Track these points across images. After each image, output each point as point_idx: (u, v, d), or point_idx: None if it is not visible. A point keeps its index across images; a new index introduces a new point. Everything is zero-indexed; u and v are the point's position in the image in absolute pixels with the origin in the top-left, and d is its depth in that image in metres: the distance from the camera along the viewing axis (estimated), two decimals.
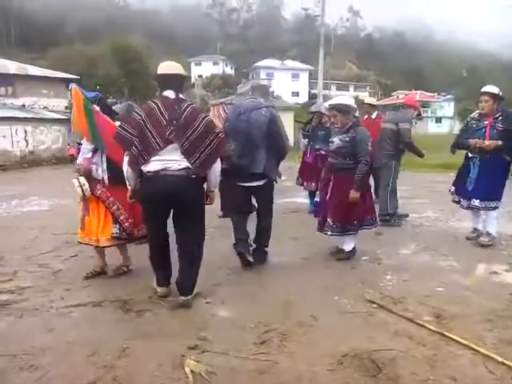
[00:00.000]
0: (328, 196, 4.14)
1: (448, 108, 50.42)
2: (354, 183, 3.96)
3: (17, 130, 17.74)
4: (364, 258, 4.22)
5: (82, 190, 3.55)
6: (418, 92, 44.04)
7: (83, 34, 48.44)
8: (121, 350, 2.50)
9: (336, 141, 4.11)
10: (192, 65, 56.71)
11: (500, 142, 4.37)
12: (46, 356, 2.46)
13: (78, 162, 3.79)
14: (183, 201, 3.09)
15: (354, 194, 3.96)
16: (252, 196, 4.14)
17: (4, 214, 7.37)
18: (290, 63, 52.95)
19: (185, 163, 3.04)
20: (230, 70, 57.82)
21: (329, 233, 4.12)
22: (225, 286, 3.57)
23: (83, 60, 29.60)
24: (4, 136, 17.63)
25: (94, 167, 3.64)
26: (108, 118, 3.69)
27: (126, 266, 3.91)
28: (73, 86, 3.58)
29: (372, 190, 4.50)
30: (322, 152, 6.15)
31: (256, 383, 2.16)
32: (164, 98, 3.10)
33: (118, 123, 3.45)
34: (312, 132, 6.57)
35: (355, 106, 4.15)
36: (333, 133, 4.29)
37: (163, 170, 3.02)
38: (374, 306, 3.12)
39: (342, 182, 4.05)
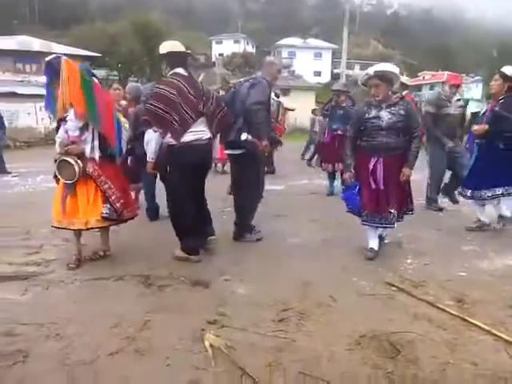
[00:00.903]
0: (381, 183, 3.60)
1: (476, 90, 48.59)
2: (408, 160, 3.58)
3: (41, 107, 18.01)
4: (384, 241, 4.18)
5: (78, 170, 3.31)
6: (445, 73, 42.57)
7: (105, 11, 48.38)
8: (142, 322, 2.57)
9: (385, 115, 3.55)
10: (213, 43, 56.13)
11: (486, 127, 4.18)
12: (71, 326, 2.55)
13: (60, 139, 3.46)
14: (208, 165, 3.76)
15: (408, 172, 3.58)
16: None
17: (30, 189, 7.59)
18: (312, 42, 51.78)
19: (208, 133, 3.58)
20: (251, 49, 56.97)
21: (394, 226, 3.66)
22: (243, 264, 3.60)
23: (105, 38, 29.60)
24: (29, 113, 17.98)
25: (86, 146, 3.42)
26: (107, 91, 3.60)
27: (104, 251, 3.74)
28: (63, 57, 3.34)
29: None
30: (339, 132, 6.06)
31: (275, 360, 2.19)
32: (180, 76, 3.44)
33: (148, 102, 3.48)
34: (330, 111, 6.45)
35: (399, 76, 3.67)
36: (367, 108, 3.63)
37: (197, 140, 3.48)
38: (394, 288, 3.09)
39: (394, 162, 3.59)
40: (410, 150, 3.59)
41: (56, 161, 3.40)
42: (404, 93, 6.51)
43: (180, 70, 3.46)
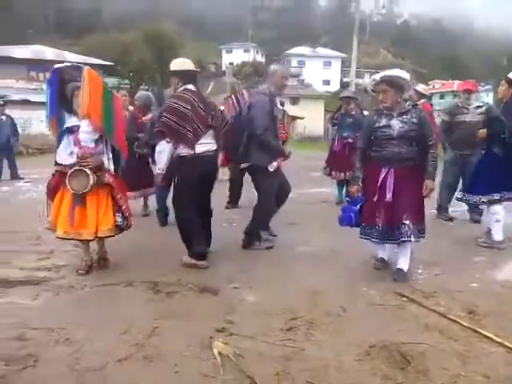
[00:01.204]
0: (391, 195, 3.38)
1: (486, 99, 48.31)
2: (426, 172, 3.38)
3: None
4: (394, 250, 4.13)
5: (92, 182, 3.30)
6: (456, 82, 42.44)
7: (118, 21, 49.12)
8: (151, 329, 2.57)
9: (396, 124, 3.39)
10: (223, 52, 56.69)
11: (485, 130, 4.23)
12: (81, 331, 2.56)
13: (68, 150, 3.43)
14: (215, 175, 3.93)
15: (431, 185, 3.38)
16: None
17: (42, 195, 7.66)
18: (321, 51, 52.08)
19: (215, 145, 3.81)
20: (260, 58, 57.41)
21: (412, 238, 3.33)
22: (252, 272, 3.60)
23: (117, 47, 30.08)
24: (41, 120, 18.18)
25: (104, 157, 3.47)
26: (119, 100, 3.69)
27: (105, 256, 3.73)
28: (86, 67, 3.35)
29: None
30: (350, 140, 6.06)
31: (283, 369, 2.17)
32: (191, 91, 3.68)
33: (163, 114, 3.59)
34: (340, 119, 6.48)
35: (409, 83, 3.49)
36: (377, 117, 3.50)
37: (206, 151, 3.70)
38: (404, 299, 3.06)
39: (406, 173, 3.39)
40: (427, 160, 3.40)
41: (58, 172, 3.44)
42: (421, 102, 6.54)
43: (191, 87, 3.71)
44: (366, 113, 6.24)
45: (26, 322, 2.64)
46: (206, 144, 3.69)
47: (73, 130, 3.40)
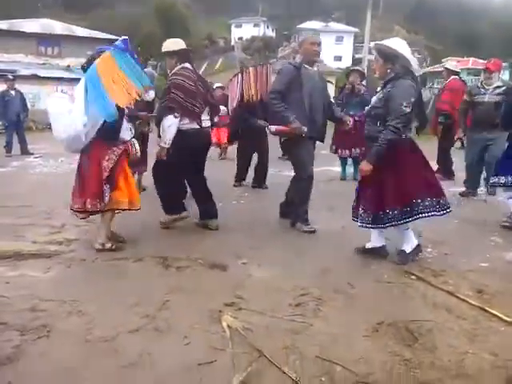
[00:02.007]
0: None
1: (503, 77, 47.07)
2: (369, 152, 3.16)
3: (62, 90, 18.23)
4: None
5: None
6: (471, 59, 41.29)
7: None
8: (161, 302, 2.61)
9: (372, 100, 3.32)
10: (232, 27, 55.52)
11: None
12: (92, 303, 2.61)
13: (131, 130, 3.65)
14: (209, 148, 4.21)
15: (363, 166, 3.15)
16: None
17: (52, 170, 7.73)
18: (334, 25, 50.74)
19: (209, 121, 4.06)
20: (271, 33, 56.20)
21: (358, 223, 3.31)
22: (261, 249, 3.61)
23: (125, 21, 29.67)
24: (50, 95, 18.21)
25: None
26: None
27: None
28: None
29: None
30: (356, 118, 6.01)
31: (291, 342, 2.20)
32: (190, 70, 3.84)
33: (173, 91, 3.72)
34: (347, 98, 6.48)
35: (405, 54, 3.13)
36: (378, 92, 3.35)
37: (206, 126, 3.98)
38: (413, 277, 3.06)
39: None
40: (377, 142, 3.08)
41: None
42: (449, 79, 6.43)
43: (188, 65, 3.87)
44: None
45: (38, 294, 2.70)
46: (205, 120, 3.95)
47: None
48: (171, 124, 3.71)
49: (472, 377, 1.98)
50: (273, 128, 4.04)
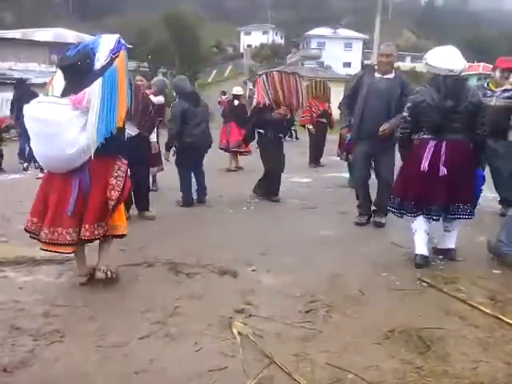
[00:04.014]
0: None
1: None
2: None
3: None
4: None
5: None
6: (481, 64, 41.03)
7: (135, 2, 48.89)
8: (172, 308, 2.62)
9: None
10: (241, 34, 55.99)
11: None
12: (104, 309, 2.63)
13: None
14: None
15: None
16: None
17: None
18: (342, 32, 50.77)
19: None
20: (279, 40, 56.56)
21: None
22: (271, 255, 3.61)
23: (135, 29, 30.03)
24: None
25: None
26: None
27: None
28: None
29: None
30: None
31: (302, 350, 2.19)
32: None
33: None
34: None
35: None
36: None
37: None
38: (424, 284, 3.04)
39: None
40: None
41: None
42: None
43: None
44: None
45: (51, 300, 2.73)
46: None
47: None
48: None
49: None
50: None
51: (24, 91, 8.54)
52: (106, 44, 2.78)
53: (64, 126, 2.60)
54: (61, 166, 2.71)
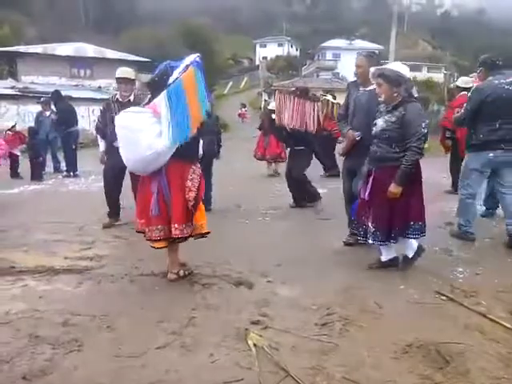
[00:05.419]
0: (366, 194, 3.36)
1: None
2: (397, 175, 3.19)
3: (93, 110, 18.91)
4: (434, 248, 4.03)
5: None
6: None
7: (151, 16, 49.89)
8: (188, 319, 2.64)
9: (379, 122, 3.32)
10: (257, 46, 56.59)
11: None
12: (121, 319, 2.66)
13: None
14: None
15: (394, 189, 3.19)
16: None
17: (84, 188, 7.99)
18: (358, 43, 50.83)
19: None
20: (294, 52, 56.93)
21: (370, 241, 3.39)
22: (286, 266, 3.60)
23: (153, 42, 30.67)
24: (82, 116, 18.90)
25: None
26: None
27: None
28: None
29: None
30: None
31: (318, 363, 2.18)
32: None
33: None
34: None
35: (408, 77, 3.30)
36: (378, 114, 3.42)
37: None
38: (443, 298, 2.98)
39: (384, 176, 3.27)
40: (402, 163, 3.20)
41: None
42: (459, 95, 6.29)
43: None
44: None
45: (70, 309, 2.77)
46: None
47: None
48: None
49: None
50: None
51: (64, 105, 9.15)
52: (185, 62, 3.12)
53: (144, 131, 2.97)
54: (143, 166, 3.08)
